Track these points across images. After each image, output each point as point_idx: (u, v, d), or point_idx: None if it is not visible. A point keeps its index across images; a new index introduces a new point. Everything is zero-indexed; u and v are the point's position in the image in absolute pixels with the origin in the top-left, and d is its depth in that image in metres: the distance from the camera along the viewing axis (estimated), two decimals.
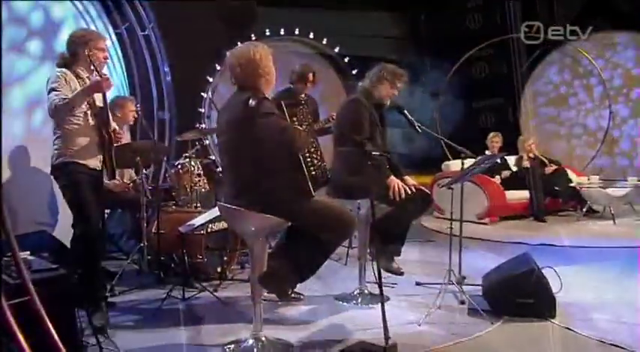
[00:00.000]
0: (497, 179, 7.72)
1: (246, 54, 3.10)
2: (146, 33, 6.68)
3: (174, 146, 6.45)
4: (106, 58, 3.72)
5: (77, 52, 3.62)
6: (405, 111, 4.06)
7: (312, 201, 3.05)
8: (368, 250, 4.15)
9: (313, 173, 3.18)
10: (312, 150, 3.23)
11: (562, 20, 9.86)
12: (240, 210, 3.07)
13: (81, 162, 3.60)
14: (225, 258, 4.69)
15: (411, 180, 4.09)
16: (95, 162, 3.67)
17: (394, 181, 3.89)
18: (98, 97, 3.65)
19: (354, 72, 11.24)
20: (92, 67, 3.59)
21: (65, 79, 3.54)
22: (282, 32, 10.58)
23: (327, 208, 3.07)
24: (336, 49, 11.28)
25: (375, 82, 4.06)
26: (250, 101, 2.93)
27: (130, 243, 5.39)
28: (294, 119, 3.18)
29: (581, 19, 9.63)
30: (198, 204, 4.92)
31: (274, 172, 3.00)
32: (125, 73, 6.62)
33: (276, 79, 3.16)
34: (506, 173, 7.85)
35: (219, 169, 5.25)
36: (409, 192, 3.88)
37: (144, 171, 4.71)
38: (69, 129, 3.59)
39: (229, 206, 3.13)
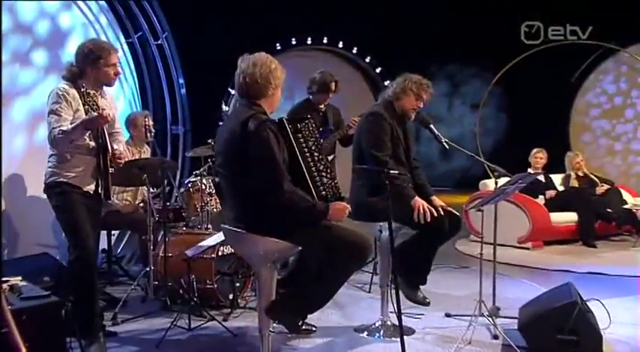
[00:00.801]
0: (540, 200, 7.56)
1: (260, 62, 3.10)
2: (159, 42, 6.76)
3: (189, 162, 6.49)
4: (117, 74, 3.74)
5: (85, 69, 3.64)
6: (432, 126, 4.04)
7: (322, 223, 3.03)
8: (391, 277, 4.07)
9: (323, 193, 3.15)
10: (322, 167, 3.20)
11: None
12: (243, 233, 3.06)
13: (75, 184, 3.62)
14: (238, 284, 4.66)
15: (438, 200, 4.02)
16: (91, 187, 3.69)
17: (418, 202, 3.82)
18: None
19: (386, 83, 11.26)
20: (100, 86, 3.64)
21: (67, 99, 3.54)
22: (309, 41, 10.75)
23: (339, 231, 3.04)
24: (367, 59, 11.42)
25: (398, 94, 4.04)
26: (250, 124, 2.95)
27: (137, 267, 5.42)
28: (299, 135, 3.16)
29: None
30: (209, 225, 4.91)
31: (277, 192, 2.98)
32: (137, 85, 6.71)
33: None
34: (551, 193, 7.67)
35: None
36: (435, 214, 3.80)
37: (151, 189, 4.73)
38: (66, 152, 3.61)
39: (231, 228, 3.13)
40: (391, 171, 3.27)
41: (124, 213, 5.19)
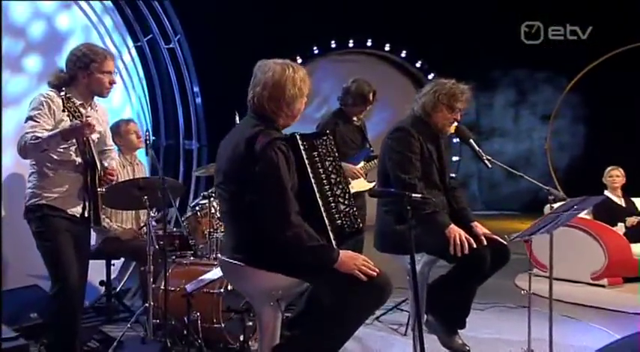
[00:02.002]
0: (620, 228, 7.23)
1: (276, 70, 3.09)
2: (171, 46, 6.81)
3: (203, 182, 6.45)
4: (112, 83, 3.73)
5: (76, 75, 3.62)
6: (472, 141, 4.02)
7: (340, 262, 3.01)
8: (425, 319, 4.01)
9: (338, 221, 3.15)
10: (339, 192, 3.18)
11: None
12: (242, 266, 3.05)
13: (58, 207, 3.60)
14: (249, 323, 4.52)
15: (481, 227, 3.97)
16: (77, 209, 3.66)
17: (454, 231, 3.77)
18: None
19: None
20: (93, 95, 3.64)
21: (50, 107, 3.53)
22: (350, 44, 10.73)
23: (358, 269, 3.01)
24: (418, 64, 11.31)
25: (428, 110, 4.02)
26: (257, 142, 2.95)
27: (139, 302, 5.39)
28: (315, 154, 3.13)
29: None
30: (219, 254, 4.80)
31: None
32: (146, 94, 6.74)
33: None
34: (632, 220, 7.32)
35: None
36: (474, 244, 3.74)
37: (152, 213, 4.69)
38: (48, 169, 3.59)
39: (228, 260, 3.12)
40: (414, 195, 3.19)
41: (124, 239, 5.16)
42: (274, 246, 2.97)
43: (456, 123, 4.08)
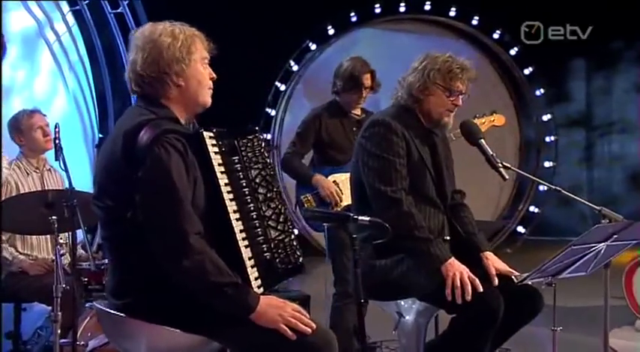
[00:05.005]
0: None
1: (145, 27, 3.11)
2: (119, 10, 6.79)
3: None
4: None
5: None
6: (482, 141, 3.95)
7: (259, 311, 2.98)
8: None
9: (266, 254, 3.11)
10: (269, 212, 3.18)
11: None
12: (122, 318, 3.00)
13: None
14: None
15: (494, 261, 3.92)
16: None
17: (452, 269, 3.71)
18: None
19: (526, 71, 10.93)
20: None
21: None
22: (401, 8, 10.60)
23: (285, 323, 2.96)
24: (496, 34, 11.13)
25: (416, 93, 3.98)
26: (140, 136, 2.91)
27: None
28: (235, 159, 3.11)
29: None
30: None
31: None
32: (89, 75, 6.80)
33: None
34: None
35: None
36: (479, 288, 3.67)
37: (60, 239, 4.64)
38: None
39: (104, 309, 3.10)
40: (361, 218, 3.18)
41: (33, 275, 5.12)
42: (166, 286, 2.91)
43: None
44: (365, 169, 3.96)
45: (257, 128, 3.25)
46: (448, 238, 3.97)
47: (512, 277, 3.75)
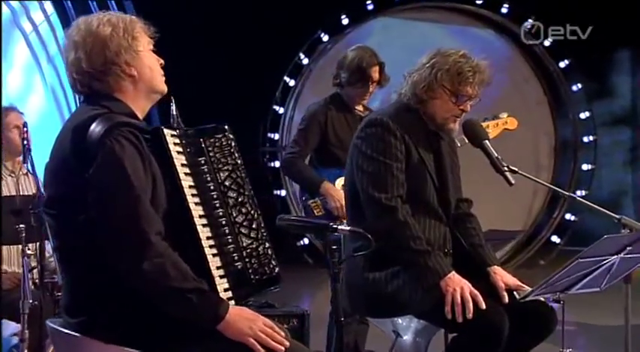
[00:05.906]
0: None
1: (79, 21, 3.11)
2: None
3: None
4: None
5: None
6: (486, 142, 3.95)
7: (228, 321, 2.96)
8: None
9: (238, 265, 3.12)
10: (240, 218, 3.19)
11: None
12: (76, 338, 3.00)
13: None
14: None
15: (502, 275, 3.90)
16: None
17: (452, 284, 3.71)
18: None
19: (562, 64, 10.88)
20: None
21: None
22: None
23: (255, 337, 2.95)
24: (528, 24, 11.17)
25: (421, 93, 3.98)
26: (91, 130, 2.91)
27: None
28: (201, 160, 3.14)
29: None
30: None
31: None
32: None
33: None
34: None
35: None
36: (482, 305, 3.66)
37: (28, 250, 4.73)
38: None
39: (57, 328, 3.08)
40: (340, 227, 3.18)
41: (3, 289, 5.11)
42: (124, 301, 2.91)
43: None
44: (359, 173, 3.98)
45: (226, 126, 3.23)
46: (450, 251, 3.98)
47: (514, 293, 3.73)
